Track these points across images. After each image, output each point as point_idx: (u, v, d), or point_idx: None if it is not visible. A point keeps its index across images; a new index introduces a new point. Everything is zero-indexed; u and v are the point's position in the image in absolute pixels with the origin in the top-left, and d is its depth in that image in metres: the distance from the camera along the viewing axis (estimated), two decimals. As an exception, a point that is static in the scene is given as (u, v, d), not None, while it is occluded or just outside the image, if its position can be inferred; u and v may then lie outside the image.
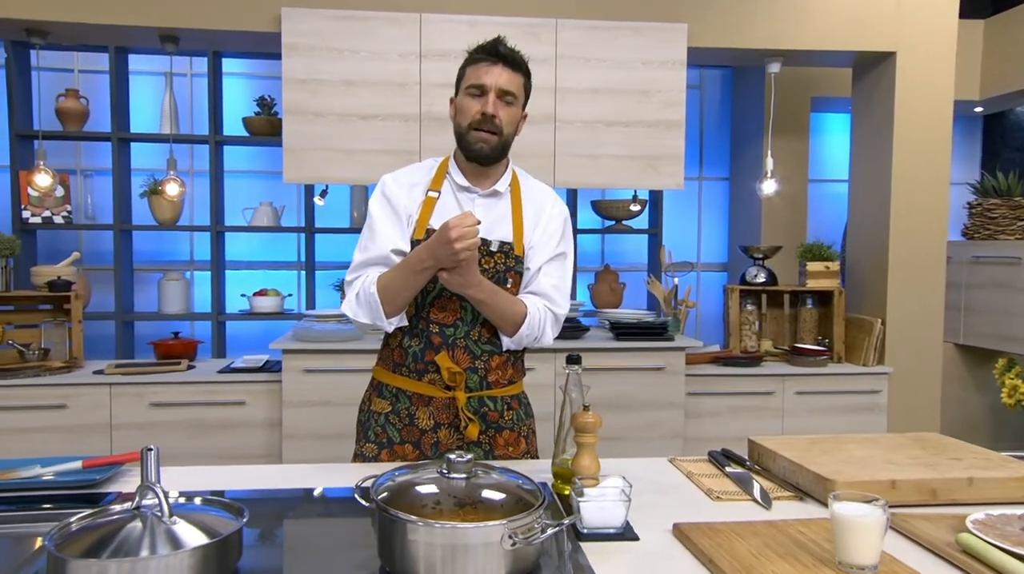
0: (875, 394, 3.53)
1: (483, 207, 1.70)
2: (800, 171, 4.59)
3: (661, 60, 3.37)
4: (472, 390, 1.67)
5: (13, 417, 3.08)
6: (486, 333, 1.67)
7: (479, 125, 1.63)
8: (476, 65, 1.64)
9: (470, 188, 1.71)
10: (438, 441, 1.68)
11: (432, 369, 1.65)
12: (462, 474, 1.08)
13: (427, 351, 1.65)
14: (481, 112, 1.62)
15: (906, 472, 1.35)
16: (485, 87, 1.62)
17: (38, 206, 4.05)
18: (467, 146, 1.66)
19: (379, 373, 1.75)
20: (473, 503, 1.09)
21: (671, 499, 1.37)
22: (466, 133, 1.65)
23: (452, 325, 1.65)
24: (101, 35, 3.42)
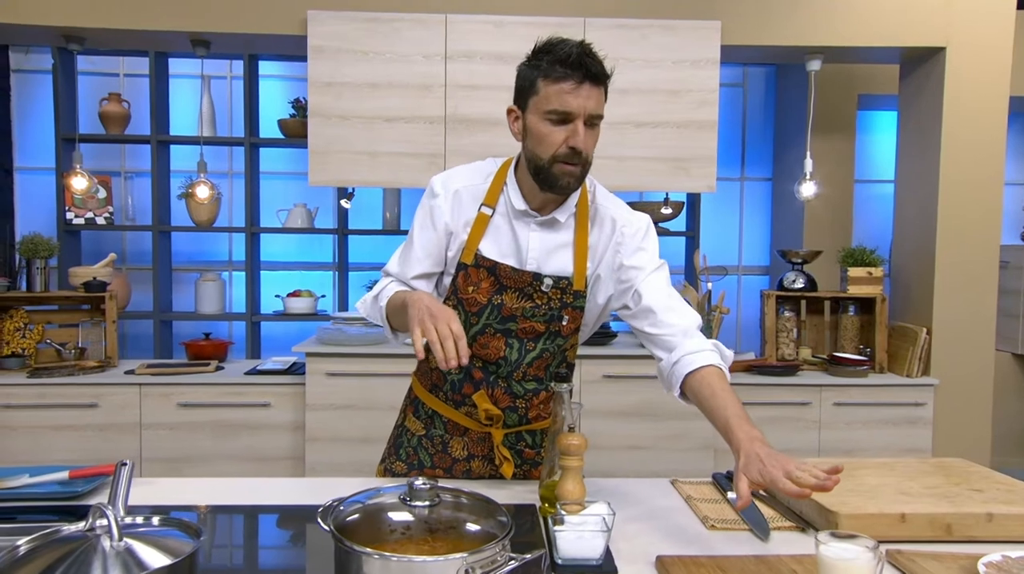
0: (919, 407, 3.37)
1: (538, 236, 1.50)
2: (846, 172, 4.41)
3: (693, 59, 3.26)
4: (510, 426, 1.56)
5: (47, 415, 3.15)
6: (531, 372, 1.53)
7: (566, 159, 1.40)
8: (558, 84, 1.38)
9: (528, 212, 1.49)
10: (470, 470, 1.60)
11: (469, 402, 1.54)
12: (424, 502, 1.03)
13: (466, 383, 1.53)
14: (570, 146, 1.39)
15: (919, 504, 1.25)
16: (572, 115, 1.38)
17: (81, 208, 4.15)
18: (552, 180, 1.42)
19: (417, 388, 1.65)
20: (445, 529, 1.04)
21: (663, 526, 1.30)
22: (549, 166, 1.41)
23: (495, 363, 1.52)
24: (135, 40, 3.47)
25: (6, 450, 3.14)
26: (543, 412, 1.57)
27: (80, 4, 3.21)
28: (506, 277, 1.49)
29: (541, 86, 1.40)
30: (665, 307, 1.47)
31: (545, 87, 1.40)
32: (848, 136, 4.40)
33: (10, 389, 3.15)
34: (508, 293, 1.49)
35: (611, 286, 1.53)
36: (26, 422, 3.15)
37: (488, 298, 1.49)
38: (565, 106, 1.38)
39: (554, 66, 1.38)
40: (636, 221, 1.56)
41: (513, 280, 1.48)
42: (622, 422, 3.23)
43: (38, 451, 3.14)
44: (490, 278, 1.49)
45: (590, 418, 3.22)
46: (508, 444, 1.56)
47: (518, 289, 1.49)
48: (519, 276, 1.48)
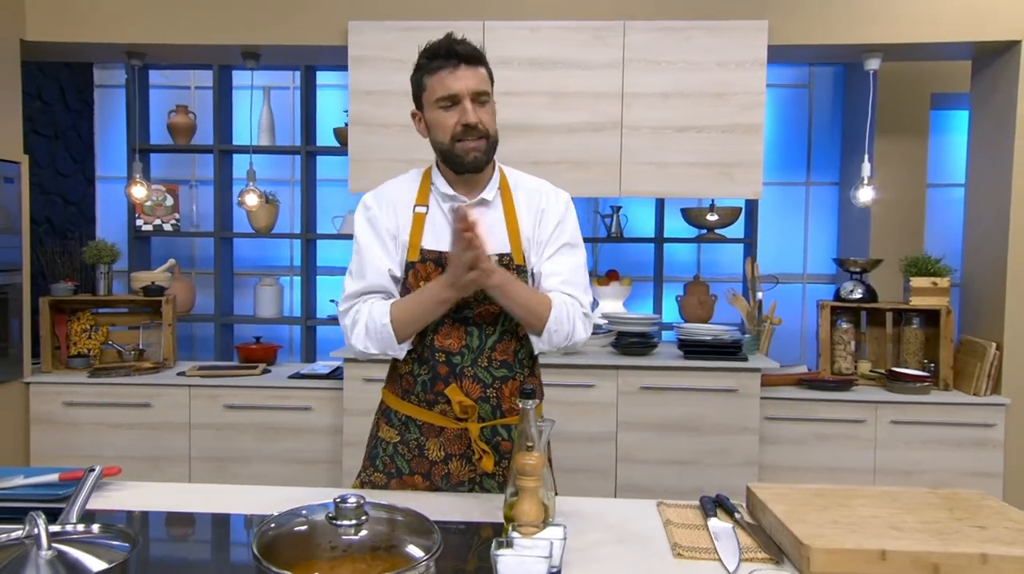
0: (988, 428, 3.13)
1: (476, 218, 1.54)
2: (917, 175, 4.17)
3: (738, 60, 3.14)
4: (485, 419, 1.58)
5: (105, 413, 3.31)
6: (497, 357, 1.58)
7: (463, 136, 1.53)
8: (437, 74, 1.53)
9: (456, 197, 1.60)
10: (449, 473, 1.60)
11: (443, 400, 1.57)
12: (351, 520, 1.01)
13: (436, 382, 1.57)
14: (462, 124, 1.52)
15: (906, 541, 1.15)
16: (457, 96, 1.52)
17: (150, 215, 4.35)
18: (457, 160, 1.55)
19: (388, 397, 1.68)
20: (370, 549, 1.02)
21: (628, 552, 1.24)
22: (451, 147, 1.54)
23: (458, 353, 1.56)
24: (190, 55, 3.61)
25: (69, 445, 3.31)
26: (516, 405, 1.58)
27: (141, 22, 3.36)
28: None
29: (427, 82, 1.56)
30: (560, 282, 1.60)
31: (429, 81, 1.55)
32: (920, 137, 4.15)
33: (73, 387, 3.32)
34: None
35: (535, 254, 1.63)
36: (87, 419, 3.31)
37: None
38: (448, 90, 1.52)
39: (430, 61, 1.55)
40: (556, 196, 1.67)
41: None
42: (661, 436, 3.13)
43: (96, 447, 3.30)
44: (438, 269, 1.55)
45: (627, 431, 3.15)
46: (484, 438, 1.57)
47: None
48: None
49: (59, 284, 3.50)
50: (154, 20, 3.35)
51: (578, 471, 3.15)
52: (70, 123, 4.56)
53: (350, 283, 1.62)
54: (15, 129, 3.33)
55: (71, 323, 3.59)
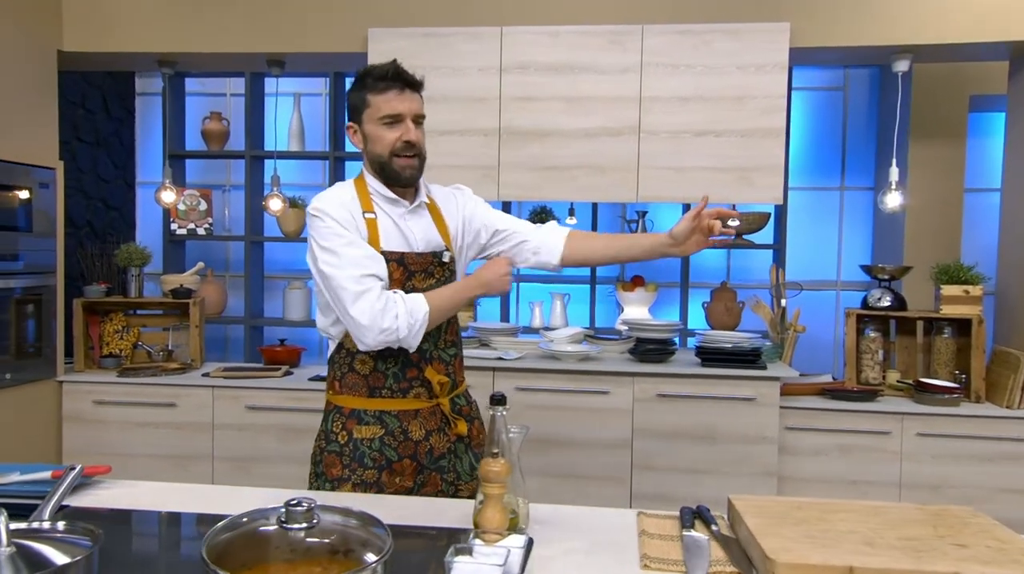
0: (1022, 443, 3.01)
1: (417, 222, 1.78)
2: (954, 179, 4.05)
3: (759, 63, 3.09)
4: (449, 393, 1.79)
5: (133, 412, 3.40)
6: (448, 337, 1.80)
7: (401, 152, 1.70)
8: (384, 94, 1.69)
9: (399, 201, 1.76)
10: (431, 448, 1.76)
11: (417, 384, 1.74)
12: (301, 524, 1.02)
13: (407, 369, 1.73)
14: (404, 140, 1.70)
15: (877, 558, 1.11)
16: (401, 116, 1.69)
17: (184, 219, 4.46)
18: (394, 173, 1.72)
19: (351, 402, 1.74)
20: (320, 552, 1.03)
21: (596, 562, 1.22)
22: (389, 161, 1.71)
23: (425, 342, 1.72)
24: (218, 63, 3.70)
25: (99, 442, 3.41)
26: (459, 376, 1.85)
27: (172, 31, 3.46)
28: (412, 263, 1.73)
29: (371, 99, 1.71)
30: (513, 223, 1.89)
31: (375, 99, 1.70)
32: (957, 141, 4.03)
33: (103, 386, 3.42)
34: (416, 277, 1.74)
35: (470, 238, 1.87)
36: (116, 418, 3.41)
37: (401, 286, 1.71)
38: (394, 110, 1.69)
39: (377, 82, 1.70)
40: (462, 190, 1.93)
41: (418, 264, 1.74)
42: (678, 444, 3.09)
43: (124, 445, 3.39)
44: (399, 268, 1.71)
45: (643, 439, 3.11)
46: (452, 410, 1.79)
47: (422, 270, 1.74)
48: (422, 259, 1.75)
49: (92, 286, 3.61)
50: (184, 30, 3.44)
51: (593, 478, 3.13)
52: (112, 130, 4.71)
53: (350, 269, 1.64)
54: (51, 137, 3.45)
55: (104, 324, 3.70)
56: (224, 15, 3.41)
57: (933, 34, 3.10)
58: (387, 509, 1.37)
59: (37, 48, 3.34)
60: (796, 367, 4.13)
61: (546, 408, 3.13)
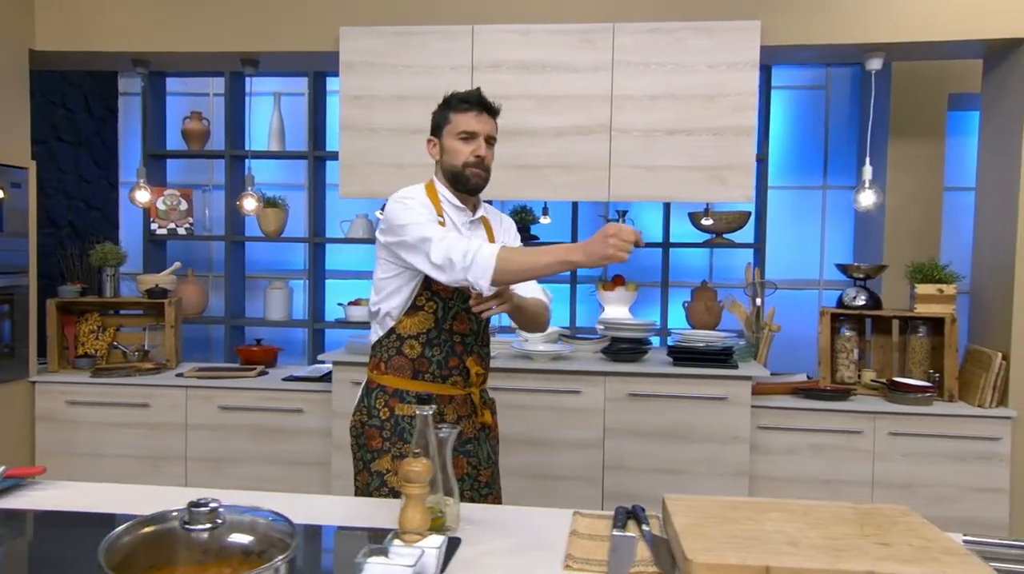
0: (994, 442, 3.00)
1: (475, 233, 2.01)
2: (933, 178, 4.03)
3: (730, 62, 3.08)
4: (480, 385, 2.02)
5: (106, 412, 3.39)
6: (488, 338, 2.06)
7: (473, 164, 1.93)
8: (465, 114, 1.93)
9: (463, 209, 2.00)
10: (461, 432, 1.94)
11: (456, 372, 1.95)
12: (204, 525, 1.01)
13: (450, 358, 1.94)
14: (476, 155, 1.93)
15: (795, 557, 1.10)
16: (476, 134, 1.93)
17: (164, 219, 4.45)
18: (464, 181, 1.95)
19: (395, 382, 1.94)
20: (221, 553, 1.02)
21: (518, 563, 1.21)
22: (462, 170, 1.94)
23: (469, 335, 1.97)
24: (192, 62, 3.69)
25: (71, 443, 3.41)
26: (487, 374, 2.06)
27: (145, 31, 3.45)
28: None
29: (452, 117, 1.96)
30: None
31: (455, 117, 1.95)
32: (936, 139, 4.01)
33: (77, 387, 3.42)
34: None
35: None
36: (89, 418, 3.40)
37: (455, 287, 1.86)
38: (470, 127, 1.94)
39: (461, 103, 1.96)
40: (509, 219, 2.20)
41: None
42: (649, 444, 3.08)
43: (97, 446, 3.39)
44: None
45: (615, 438, 3.10)
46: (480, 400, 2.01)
47: None
48: None
49: (66, 286, 3.61)
50: (158, 29, 3.44)
51: (565, 478, 3.12)
52: (94, 130, 4.70)
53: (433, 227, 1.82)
54: (23, 137, 3.44)
55: (79, 324, 3.70)
56: (197, 14, 3.40)
57: (906, 32, 3.08)
58: (317, 509, 1.36)
59: (8, 47, 3.34)
60: (776, 366, 4.13)
61: (518, 408, 3.12)
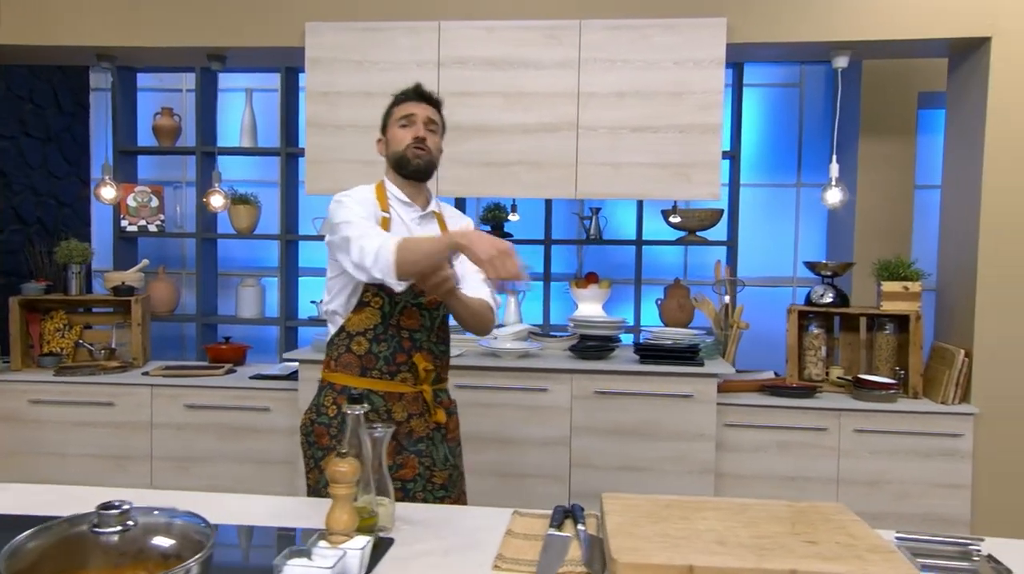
0: (957, 438, 3.01)
1: (424, 228, 2.00)
2: (904, 176, 4.05)
3: (696, 59, 3.08)
4: (433, 384, 1.97)
5: (70, 411, 3.36)
6: (441, 335, 2.01)
7: (413, 145, 1.95)
8: (403, 104, 1.99)
9: (411, 205, 1.99)
10: (411, 430, 1.92)
11: (404, 369, 1.92)
12: (114, 528, 0.99)
13: (397, 354, 1.91)
14: (415, 136, 1.95)
15: (720, 557, 1.09)
16: (415, 117, 1.96)
17: (135, 216, 4.41)
18: (406, 163, 1.96)
19: (343, 379, 1.93)
20: (135, 555, 1.00)
21: (449, 563, 1.20)
22: (403, 153, 1.95)
23: (419, 330, 1.94)
24: (159, 57, 3.66)
25: (34, 442, 3.37)
26: (444, 374, 2.03)
27: (109, 25, 3.41)
28: None
29: (394, 110, 2.02)
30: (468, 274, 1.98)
31: (395, 108, 2.02)
32: (906, 137, 4.03)
33: (39, 386, 3.38)
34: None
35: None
36: (52, 418, 3.36)
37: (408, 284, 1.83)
38: (407, 111, 1.98)
39: (400, 95, 2.04)
40: (467, 219, 2.17)
41: None
42: (615, 441, 3.08)
43: (61, 445, 3.35)
44: None
45: (581, 436, 3.10)
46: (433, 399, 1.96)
47: None
48: None
49: (29, 284, 3.57)
50: (122, 23, 3.40)
51: (532, 477, 3.11)
52: (64, 125, 4.65)
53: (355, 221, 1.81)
54: (-15, 132, 3.39)
55: (44, 322, 3.66)
56: (162, 8, 3.36)
57: (872, 31, 3.09)
58: (253, 510, 1.35)
59: (-31, 42, 3.30)
60: (749, 364, 4.14)
61: (485, 406, 3.11)
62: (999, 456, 3.02)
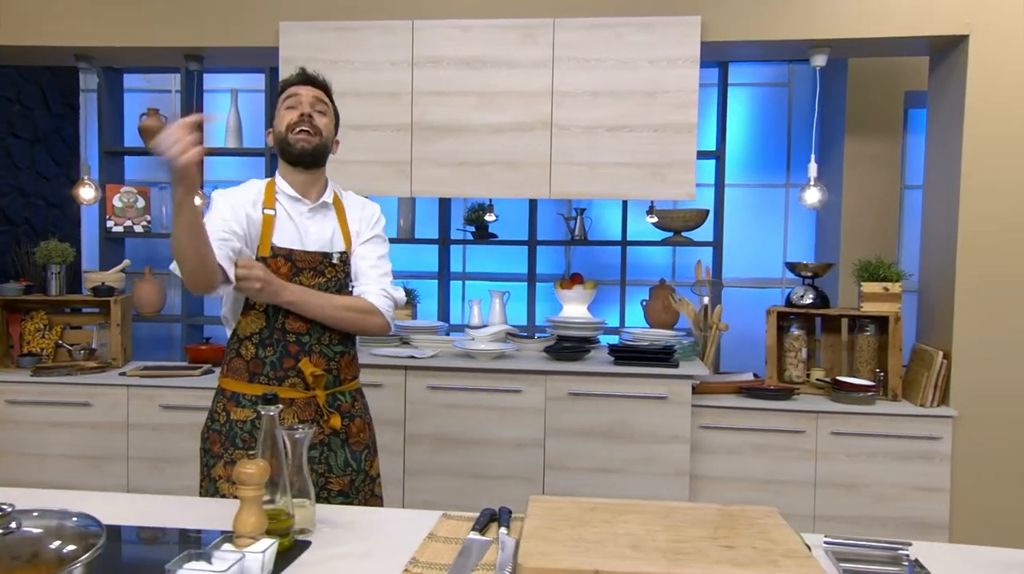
0: (935, 441, 2.97)
1: (315, 222, 1.89)
2: (890, 176, 4.00)
3: (671, 58, 3.05)
4: (328, 387, 1.87)
5: (47, 411, 3.35)
6: (336, 336, 1.87)
7: (297, 126, 1.82)
8: (288, 88, 1.88)
9: (300, 199, 1.86)
10: None
11: (292, 374, 1.82)
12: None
13: (284, 359, 1.82)
14: (299, 114, 1.82)
15: (633, 561, 1.07)
16: (299, 96, 1.85)
17: (120, 216, 4.41)
18: (290, 147, 1.83)
19: (232, 385, 1.87)
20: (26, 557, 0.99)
21: (362, 566, 1.18)
22: (287, 135, 1.83)
23: (307, 333, 1.83)
24: (136, 57, 3.66)
25: (12, 442, 3.37)
26: (348, 375, 1.93)
27: (86, 25, 3.41)
28: (300, 260, 1.83)
29: (280, 98, 1.90)
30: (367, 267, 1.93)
31: (281, 96, 1.90)
32: (892, 137, 3.99)
33: (16, 386, 3.38)
34: (304, 273, 1.83)
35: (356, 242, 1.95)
36: (29, 418, 3.36)
37: (288, 280, 1.80)
38: (292, 93, 1.87)
39: (284, 82, 1.94)
40: (373, 205, 2.04)
41: (306, 262, 1.83)
42: (589, 443, 3.05)
43: (38, 445, 3.35)
44: (287, 263, 1.82)
45: (555, 437, 3.07)
46: (328, 403, 1.86)
47: (311, 268, 1.84)
48: (311, 257, 1.84)
49: (8, 284, 3.57)
50: (99, 24, 3.40)
51: (505, 478, 3.09)
52: (53, 127, 4.67)
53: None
54: (-37, 132, 3.40)
55: (25, 322, 3.66)
56: (138, 8, 3.36)
57: (849, 28, 3.05)
58: (171, 511, 1.34)
59: (-56, 43, 3.30)
60: (731, 365, 4.10)
61: (458, 407, 3.10)
62: (978, 459, 2.98)
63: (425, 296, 4.33)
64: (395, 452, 3.11)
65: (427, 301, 4.35)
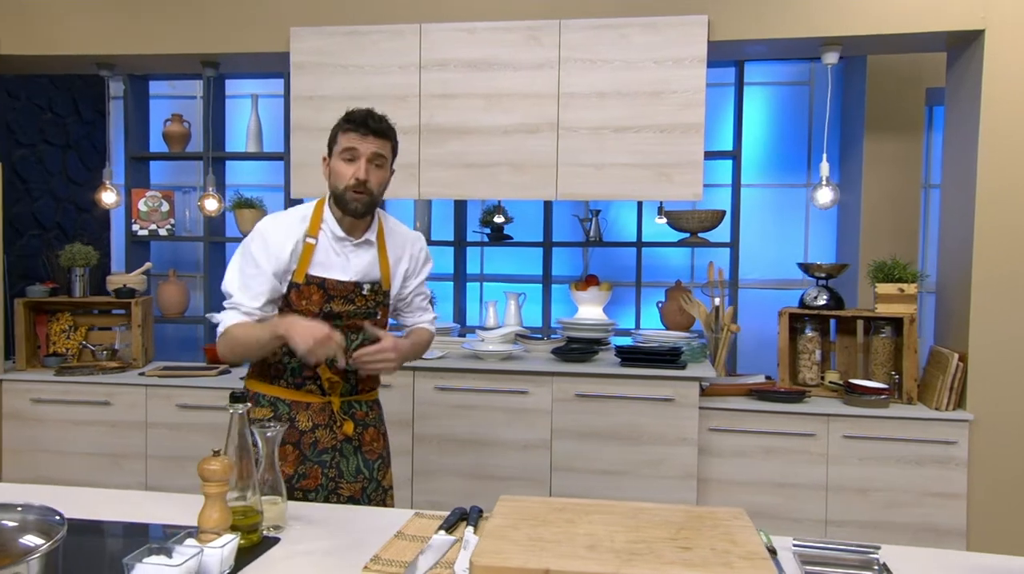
0: (951, 445, 2.90)
1: (356, 255, 1.95)
2: (911, 175, 3.92)
3: (677, 58, 3.03)
4: (344, 395, 1.94)
5: (70, 410, 3.45)
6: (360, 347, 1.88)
7: (353, 188, 1.85)
8: (348, 133, 1.85)
9: (345, 239, 1.93)
10: (316, 441, 1.90)
11: (310, 381, 1.90)
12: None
13: (304, 367, 1.88)
14: (355, 178, 1.84)
15: (583, 561, 1.07)
16: (357, 153, 1.84)
17: (146, 220, 4.52)
18: (344, 204, 1.87)
19: (254, 385, 1.96)
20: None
21: (322, 563, 1.20)
22: (342, 194, 1.86)
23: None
24: (155, 64, 3.74)
25: (37, 440, 3.47)
26: (366, 386, 2.00)
27: (107, 34, 3.51)
28: (332, 288, 1.89)
29: (338, 137, 1.89)
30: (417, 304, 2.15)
31: (341, 137, 1.88)
32: (914, 135, 3.90)
33: (41, 385, 3.48)
34: (335, 301, 1.90)
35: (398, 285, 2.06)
36: (53, 416, 3.46)
37: (319, 307, 1.88)
38: (351, 144, 1.85)
39: (345, 122, 1.87)
40: (419, 239, 2.12)
41: (339, 290, 1.90)
42: (595, 445, 3.04)
43: (61, 443, 3.45)
44: (320, 291, 1.89)
45: (562, 439, 3.07)
46: (343, 410, 1.94)
47: (343, 296, 1.90)
48: (343, 286, 1.90)
49: (35, 286, 3.68)
50: (117, 31, 3.49)
51: (512, 479, 3.09)
52: (84, 133, 4.80)
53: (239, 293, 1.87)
54: (-9, 140, 3.52)
55: (51, 324, 3.77)
56: (155, 17, 3.45)
57: (858, 25, 3.00)
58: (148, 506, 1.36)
59: (-29, 53, 3.42)
60: (749, 367, 4.05)
61: (466, 408, 3.11)
62: (996, 464, 2.90)
63: (442, 299, 4.36)
64: (404, 453, 3.14)
65: (443, 303, 4.38)
